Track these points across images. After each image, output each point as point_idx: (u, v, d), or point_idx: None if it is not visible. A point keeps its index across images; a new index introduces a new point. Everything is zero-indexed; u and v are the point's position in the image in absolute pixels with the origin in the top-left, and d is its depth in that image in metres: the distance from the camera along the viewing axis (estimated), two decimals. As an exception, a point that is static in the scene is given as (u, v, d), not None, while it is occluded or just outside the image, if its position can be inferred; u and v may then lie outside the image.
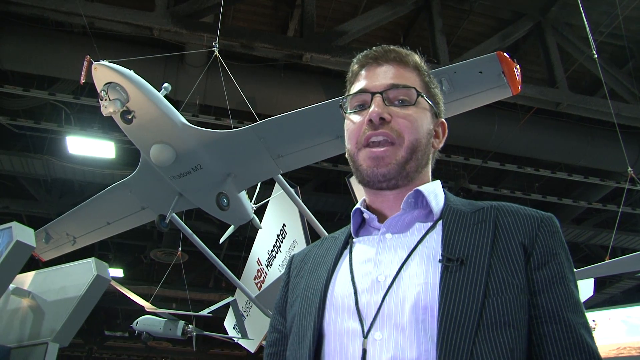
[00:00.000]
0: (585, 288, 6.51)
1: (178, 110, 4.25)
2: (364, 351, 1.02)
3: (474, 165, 9.40)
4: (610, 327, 7.08)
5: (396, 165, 1.19)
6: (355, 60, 1.34)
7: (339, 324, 1.09)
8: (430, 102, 1.28)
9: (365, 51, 1.32)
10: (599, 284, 12.23)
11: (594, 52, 5.47)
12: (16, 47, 6.97)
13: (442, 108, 1.35)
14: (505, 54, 3.58)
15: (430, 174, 1.30)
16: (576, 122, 8.84)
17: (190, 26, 6.38)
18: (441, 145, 1.33)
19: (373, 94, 1.23)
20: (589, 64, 7.44)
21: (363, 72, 1.30)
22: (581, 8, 5.42)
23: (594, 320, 6.70)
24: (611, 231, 9.89)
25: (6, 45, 6.93)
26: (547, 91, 7.29)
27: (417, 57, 1.33)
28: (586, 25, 5.42)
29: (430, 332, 1.00)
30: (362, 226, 1.29)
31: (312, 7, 7.03)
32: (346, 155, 1.34)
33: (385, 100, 1.22)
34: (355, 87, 1.30)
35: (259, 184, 5.48)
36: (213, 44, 5.07)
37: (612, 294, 13.57)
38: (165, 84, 4.23)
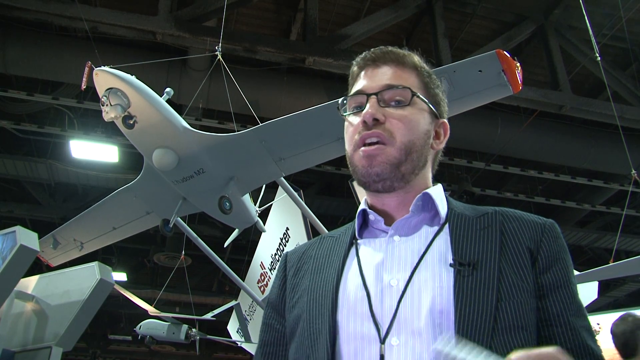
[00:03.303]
0: (589, 291, 6.46)
1: (181, 115, 4.26)
2: (382, 357, 1.01)
3: (477, 168, 9.39)
4: (615, 330, 7.02)
5: (389, 165, 1.17)
6: (354, 62, 1.33)
7: (353, 329, 1.07)
8: (428, 103, 1.26)
9: (364, 53, 1.31)
10: (603, 287, 12.15)
11: (597, 55, 5.45)
12: (20, 52, 6.99)
13: (445, 108, 1.33)
14: (505, 52, 3.53)
15: (430, 175, 1.28)
16: (579, 125, 8.80)
17: (193, 30, 6.40)
18: (442, 146, 1.31)
19: (368, 95, 1.22)
20: (592, 66, 7.42)
21: (362, 74, 1.29)
22: (584, 11, 5.41)
23: (598, 324, 6.63)
24: (615, 234, 9.87)
25: (10, 50, 6.95)
26: (550, 94, 7.27)
27: (416, 58, 1.31)
28: (589, 27, 5.41)
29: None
30: (364, 227, 1.27)
31: (315, 11, 7.04)
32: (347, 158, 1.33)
33: (380, 102, 1.21)
34: (354, 89, 1.29)
35: (263, 187, 5.48)
36: (216, 48, 5.07)
37: (616, 297, 13.52)
38: (168, 89, 4.23)
